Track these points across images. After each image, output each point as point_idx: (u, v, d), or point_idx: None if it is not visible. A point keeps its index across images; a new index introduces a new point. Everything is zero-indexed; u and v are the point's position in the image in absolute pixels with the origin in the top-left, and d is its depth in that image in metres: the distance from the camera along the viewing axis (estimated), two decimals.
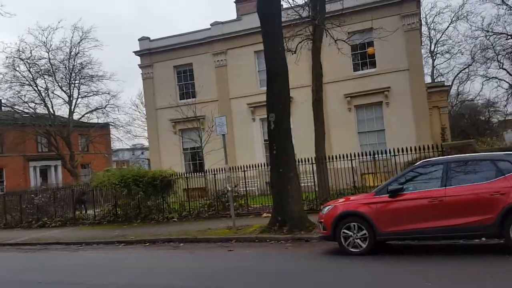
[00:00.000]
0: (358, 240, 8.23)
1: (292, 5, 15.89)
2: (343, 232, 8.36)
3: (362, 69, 22.73)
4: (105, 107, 37.79)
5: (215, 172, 16.31)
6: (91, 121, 40.10)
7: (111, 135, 43.89)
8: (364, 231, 8.17)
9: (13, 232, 18.34)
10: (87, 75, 36.15)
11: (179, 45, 25.37)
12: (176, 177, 17.18)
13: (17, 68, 33.47)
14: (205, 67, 24.98)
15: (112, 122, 39.16)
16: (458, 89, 35.47)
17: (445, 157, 8.51)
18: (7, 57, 33.28)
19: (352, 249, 8.28)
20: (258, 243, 11.07)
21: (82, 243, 13.96)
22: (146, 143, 64.93)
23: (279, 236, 11.07)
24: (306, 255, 9.13)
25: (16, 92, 34.14)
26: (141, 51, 26.25)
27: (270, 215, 14.69)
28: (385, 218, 8.01)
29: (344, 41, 15.76)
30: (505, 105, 35.97)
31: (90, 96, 37.30)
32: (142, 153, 69.05)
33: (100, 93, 37.28)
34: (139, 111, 52.26)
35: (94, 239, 14.28)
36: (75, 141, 38.97)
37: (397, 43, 20.59)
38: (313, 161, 14.68)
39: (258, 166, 16.01)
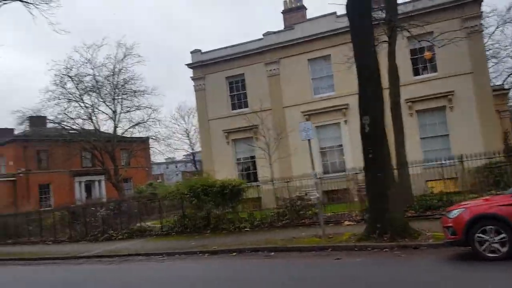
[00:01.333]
0: (496, 245, 7.71)
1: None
2: (478, 237, 7.86)
3: (423, 74, 22.14)
4: (147, 121, 38.24)
5: (288, 180, 15.98)
6: (133, 135, 40.53)
7: (151, 149, 44.35)
8: (503, 235, 7.66)
9: (79, 245, 18.22)
10: (130, 90, 36.62)
11: (231, 56, 25.38)
12: (246, 186, 16.91)
13: (65, 86, 34.16)
14: (257, 77, 24.86)
15: (154, 136, 39.55)
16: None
17: None
18: (56, 75, 33.94)
19: (489, 254, 7.77)
20: (358, 252, 10.58)
21: (163, 254, 13.72)
22: (181, 156, 65.49)
23: (382, 244, 10.57)
24: (434, 262, 8.56)
25: (63, 109, 34.81)
26: (193, 63, 26.37)
27: (352, 223, 14.34)
28: None
29: (429, 41, 15.32)
30: None
31: (133, 110, 37.78)
32: (176, 166, 69.68)
33: (142, 108, 37.71)
34: (178, 125, 52.93)
35: (173, 249, 14.04)
36: (118, 155, 39.42)
37: (459, 46, 19.90)
38: (396, 167, 14.12)
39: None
